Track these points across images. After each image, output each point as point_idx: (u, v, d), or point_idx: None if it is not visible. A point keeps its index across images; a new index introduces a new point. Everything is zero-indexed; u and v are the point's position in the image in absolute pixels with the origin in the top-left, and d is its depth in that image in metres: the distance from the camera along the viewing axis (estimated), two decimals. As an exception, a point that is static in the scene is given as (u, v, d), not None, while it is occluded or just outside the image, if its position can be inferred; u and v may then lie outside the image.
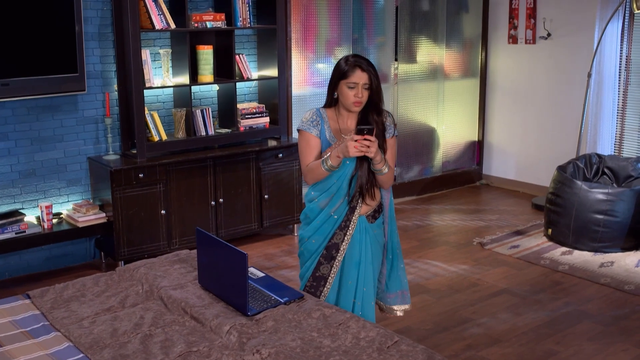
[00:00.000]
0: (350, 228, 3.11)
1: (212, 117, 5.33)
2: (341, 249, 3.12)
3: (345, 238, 3.11)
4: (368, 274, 3.15)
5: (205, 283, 2.93)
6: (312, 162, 3.07)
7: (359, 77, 2.97)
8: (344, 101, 3.02)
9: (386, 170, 3.03)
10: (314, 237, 3.14)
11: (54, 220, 4.75)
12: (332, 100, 3.09)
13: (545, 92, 6.60)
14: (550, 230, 5.37)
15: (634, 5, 5.52)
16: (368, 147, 2.83)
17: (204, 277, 2.94)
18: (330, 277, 3.13)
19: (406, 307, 3.38)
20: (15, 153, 4.68)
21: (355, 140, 2.83)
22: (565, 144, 6.44)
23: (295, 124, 5.80)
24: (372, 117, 3.07)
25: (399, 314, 3.38)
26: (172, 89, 5.22)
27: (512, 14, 6.70)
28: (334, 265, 3.13)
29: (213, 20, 5.09)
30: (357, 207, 3.10)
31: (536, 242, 5.40)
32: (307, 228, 3.16)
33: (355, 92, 2.98)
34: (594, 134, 6.11)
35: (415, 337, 3.81)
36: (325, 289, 3.13)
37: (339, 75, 3.01)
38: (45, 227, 4.64)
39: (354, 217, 3.10)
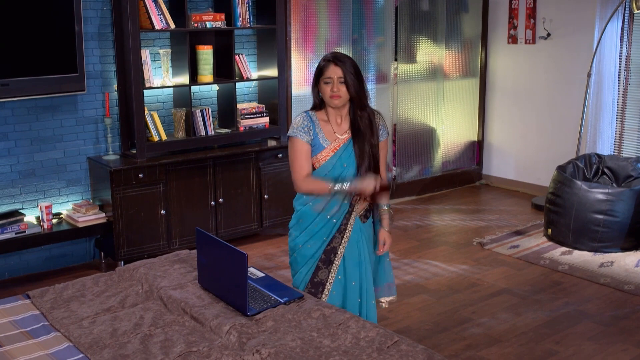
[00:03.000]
0: (347, 231, 3.10)
1: (212, 117, 5.34)
2: (339, 252, 3.10)
3: (343, 241, 3.10)
4: (369, 273, 3.15)
5: (205, 283, 2.93)
6: (313, 179, 3.04)
7: (333, 72, 2.98)
8: (325, 98, 3.03)
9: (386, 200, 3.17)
10: (309, 242, 3.10)
11: (54, 221, 4.75)
12: (319, 102, 3.08)
13: (545, 92, 6.60)
14: (550, 230, 5.37)
15: (634, 5, 5.52)
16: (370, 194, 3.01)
17: (204, 277, 2.94)
18: (328, 283, 3.10)
19: (392, 298, 3.37)
20: (15, 153, 4.68)
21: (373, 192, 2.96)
22: (564, 144, 6.44)
23: (295, 124, 5.80)
24: (356, 113, 3.06)
25: (385, 305, 3.36)
26: (171, 89, 5.22)
27: (512, 14, 6.70)
28: (332, 270, 3.10)
29: (213, 21, 5.09)
30: (356, 209, 3.10)
31: (536, 242, 5.40)
32: (301, 234, 3.12)
33: (331, 87, 2.98)
34: (594, 134, 6.11)
35: (415, 337, 3.82)
36: (324, 295, 3.10)
37: (317, 74, 3.04)
38: (45, 227, 4.64)
39: (351, 220, 3.10)
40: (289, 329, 2.57)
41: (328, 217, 3.08)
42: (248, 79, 5.40)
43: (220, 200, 5.14)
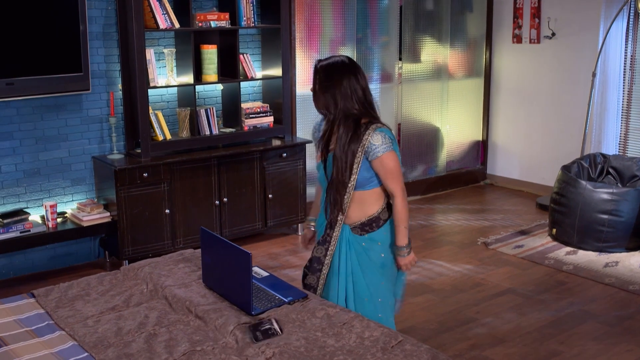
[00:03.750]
0: (331, 244, 2.97)
1: (216, 117, 5.34)
2: (325, 262, 2.99)
3: (328, 253, 2.98)
4: (360, 288, 2.97)
5: (210, 282, 2.93)
6: (316, 194, 3.18)
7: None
8: None
9: (405, 229, 3.03)
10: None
11: (59, 220, 4.76)
12: None
13: (550, 92, 6.59)
14: (554, 230, 5.36)
15: (639, 5, 5.50)
16: None
17: (208, 277, 2.94)
18: (318, 288, 3.03)
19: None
20: (20, 152, 4.69)
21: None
22: (569, 144, 6.42)
23: (300, 123, 5.83)
24: (328, 124, 2.94)
25: None
26: (176, 88, 5.23)
27: (517, 14, 6.69)
28: (321, 278, 3.01)
29: (217, 20, 5.09)
30: (337, 224, 2.94)
31: (540, 241, 5.39)
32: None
33: None
34: (599, 134, 6.10)
35: (419, 336, 3.81)
36: None
37: None
38: (50, 226, 4.65)
39: (334, 234, 2.95)
40: (294, 329, 2.58)
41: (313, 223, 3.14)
42: (252, 79, 5.40)
43: (225, 199, 5.14)
